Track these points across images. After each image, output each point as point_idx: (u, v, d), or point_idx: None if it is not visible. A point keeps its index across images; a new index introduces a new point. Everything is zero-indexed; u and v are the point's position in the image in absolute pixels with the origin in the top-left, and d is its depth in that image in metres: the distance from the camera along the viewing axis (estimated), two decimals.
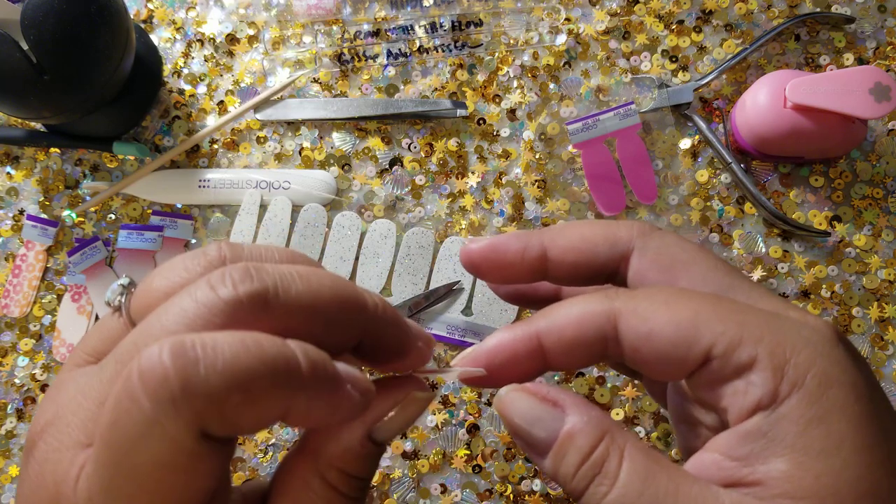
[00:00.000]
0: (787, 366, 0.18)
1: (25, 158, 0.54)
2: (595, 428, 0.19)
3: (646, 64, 0.53)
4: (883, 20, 0.53)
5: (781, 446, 0.17)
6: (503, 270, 0.23)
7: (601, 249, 0.22)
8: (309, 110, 0.53)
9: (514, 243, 0.23)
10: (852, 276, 0.50)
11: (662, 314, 0.19)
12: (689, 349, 0.19)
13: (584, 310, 0.20)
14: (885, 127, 0.52)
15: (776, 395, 0.18)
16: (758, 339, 0.18)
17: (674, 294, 0.20)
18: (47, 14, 0.42)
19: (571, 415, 0.20)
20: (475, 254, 0.23)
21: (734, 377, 0.18)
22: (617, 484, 0.18)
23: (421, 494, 0.49)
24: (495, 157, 0.52)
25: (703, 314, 0.19)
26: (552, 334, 0.20)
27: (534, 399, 0.20)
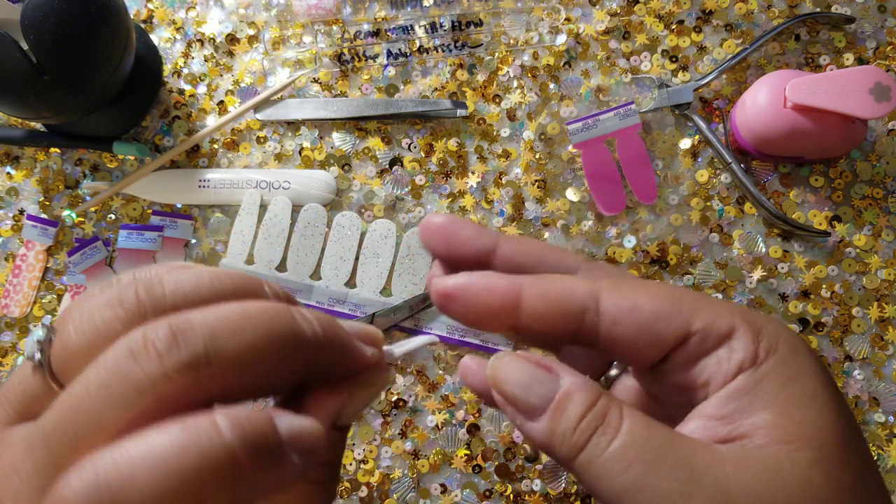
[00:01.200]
0: (761, 333, 0.20)
1: (25, 158, 0.54)
2: (592, 387, 0.20)
3: (646, 64, 0.53)
4: (883, 20, 0.53)
5: (765, 400, 0.19)
6: (452, 246, 0.24)
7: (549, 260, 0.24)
8: (309, 110, 0.53)
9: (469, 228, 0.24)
10: (852, 276, 0.50)
11: (643, 295, 0.20)
12: (669, 323, 0.20)
13: (571, 282, 0.21)
14: (885, 127, 0.52)
15: (756, 356, 0.20)
16: (734, 312, 0.20)
17: (653, 283, 0.21)
18: (47, 14, 0.42)
19: (567, 377, 0.20)
20: (434, 225, 0.24)
21: (716, 347, 0.20)
22: (621, 432, 0.19)
23: (421, 494, 0.49)
24: (495, 157, 0.52)
25: (683, 299, 0.20)
26: (535, 291, 0.21)
27: (529, 364, 0.21)
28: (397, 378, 0.50)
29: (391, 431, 0.50)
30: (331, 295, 0.51)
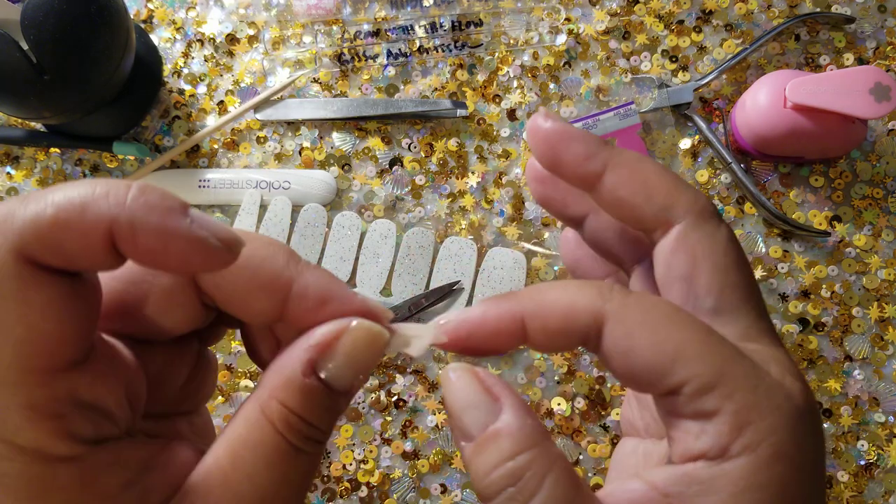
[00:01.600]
0: (747, 428, 0.18)
1: (25, 158, 0.54)
2: (524, 436, 0.18)
3: (646, 64, 0.53)
4: (883, 20, 0.53)
5: (712, 499, 0.18)
6: (557, 162, 0.22)
7: (655, 203, 0.21)
8: (309, 110, 0.53)
9: (582, 145, 0.22)
10: (852, 276, 0.50)
11: (648, 336, 0.19)
12: (661, 378, 0.18)
13: (574, 302, 0.19)
14: (885, 127, 0.52)
15: (725, 451, 0.18)
16: (729, 393, 0.18)
17: (666, 316, 0.19)
18: (47, 14, 0.42)
19: (506, 414, 0.19)
20: (543, 132, 0.22)
21: (692, 418, 0.18)
22: (532, 500, 0.18)
23: (421, 494, 0.49)
24: (495, 157, 0.52)
25: (688, 349, 0.18)
26: (536, 319, 0.20)
27: (476, 385, 0.19)
28: (397, 378, 0.50)
29: (391, 431, 0.50)
30: None
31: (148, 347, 0.21)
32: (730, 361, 0.18)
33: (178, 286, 0.20)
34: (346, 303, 0.20)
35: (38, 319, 0.16)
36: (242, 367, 0.51)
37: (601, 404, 0.49)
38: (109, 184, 0.16)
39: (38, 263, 0.16)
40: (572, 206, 0.25)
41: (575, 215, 0.25)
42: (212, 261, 0.17)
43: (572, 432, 0.49)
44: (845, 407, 0.49)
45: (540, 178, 0.25)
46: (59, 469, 0.16)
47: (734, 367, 0.18)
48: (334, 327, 0.19)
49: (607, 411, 0.49)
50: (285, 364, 0.19)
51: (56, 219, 0.15)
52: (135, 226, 0.16)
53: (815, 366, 0.49)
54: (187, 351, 0.22)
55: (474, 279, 0.51)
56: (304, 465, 0.19)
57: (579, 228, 0.26)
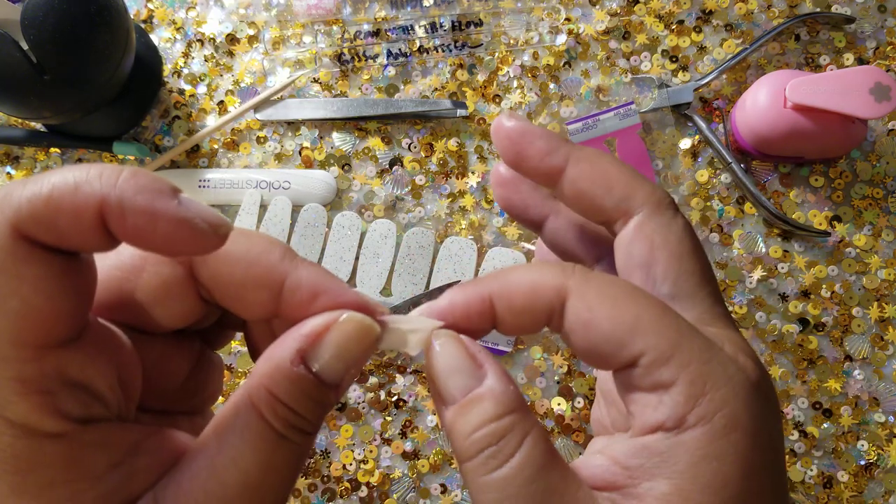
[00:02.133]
0: (701, 398, 0.18)
1: (25, 158, 0.54)
2: (507, 400, 0.19)
3: (646, 64, 0.53)
4: (883, 20, 0.53)
5: (670, 470, 0.18)
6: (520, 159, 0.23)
7: (614, 195, 0.22)
8: (309, 110, 0.53)
9: (544, 141, 0.23)
10: (852, 276, 0.50)
11: (607, 308, 0.19)
12: (618, 349, 0.19)
13: (538, 280, 0.20)
14: (885, 127, 0.52)
15: (682, 422, 0.18)
16: (684, 364, 0.18)
17: (625, 291, 0.20)
18: (47, 14, 0.42)
19: (490, 379, 0.19)
20: (504, 130, 0.23)
21: (650, 390, 0.19)
22: (509, 463, 0.18)
23: (421, 494, 0.49)
24: (495, 157, 0.52)
25: (644, 321, 0.19)
26: (503, 299, 0.20)
27: (462, 351, 0.20)
28: (397, 378, 0.50)
29: (391, 431, 0.50)
30: None
31: (147, 338, 0.21)
32: (685, 335, 0.19)
33: (176, 277, 0.20)
34: (339, 297, 0.20)
35: (31, 294, 0.16)
36: (242, 367, 0.51)
37: None
38: (103, 167, 0.16)
39: (34, 240, 0.16)
40: (532, 209, 0.26)
41: (535, 218, 0.27)
42: (198, 242, 0.17)
43: (572, 432, 0.49)
44: (845, 407, 0.49)
45: (502, 183, 0.27)
46: (45, 445, 0.17)
47: (689, 340, 0.19)
48: (325, 319, 0.19)
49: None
50: (275, 353, 0.19)
51: (50, 197, 0.16)
52: (123, 205, 0.16)
53: (815, 366, 0.49)
54: (187, 348, 0.23)
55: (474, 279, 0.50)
56: (290, 454, 0.19)
57: (540, 231, 0.27)
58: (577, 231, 0.26)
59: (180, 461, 0.18)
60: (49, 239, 0.16)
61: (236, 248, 0.20)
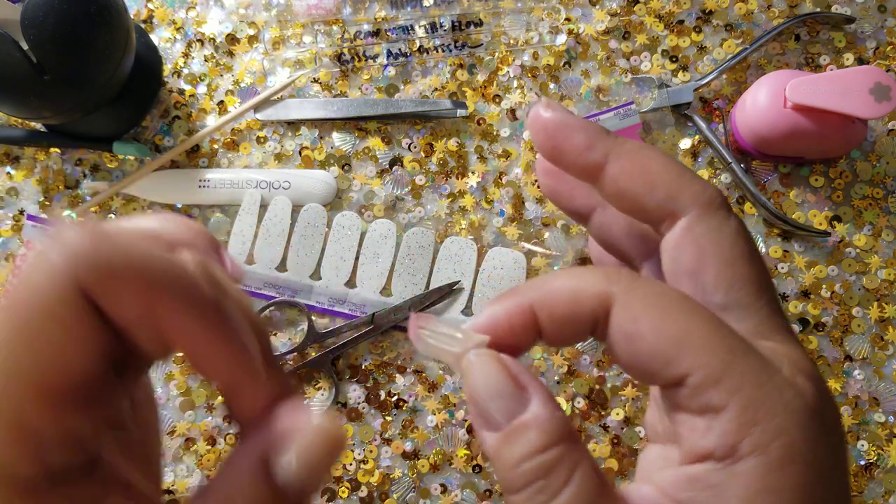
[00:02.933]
0: (755, 426, 0.17)
1: (25, 158, 0.54)
2: (555, 429, 0.18)
3: (646, 64, 0.53)
4: (883, 20, 0.53)
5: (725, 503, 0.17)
6: (558, 153, 0.22)
7: (658, 195, 0.21)
8: (309, 110, 0.53)
9: (583, 135, 0.21)
10: (852, 276, 0.50)
11: (653, 320, 0.18)
12: (664, 366, 0.18)
13: (580, 286, 0.19)
14: (885, 127, 0.52)
15: (733, 451, 0.17)
16: (736, 388, 0.17)
17: (674, 302, 0.18)
18: (47, 14, 0.42)
19: (535, 405, 0.18)
20: (541, 122, 0.22)
21: (698, 413, 0.17)
22: (559, 498, 0.17)
23: (421, 494, 0.49)
24: (495, 157, 0.52)
25: (693, 337, 0.17)
26: (544, 308, 0.19)
27: (503, 372, 0.19)
28: (397, 378, 0.50)
29: (391, 431, 0.50)
30: (331, 295, 0.51)
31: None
32: (738, 354, 0.17)
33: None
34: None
35: (72, 352, 0.16)
36: None
37: (601, 404, 0.49)
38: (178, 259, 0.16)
39: (92, 303, 0.15)
40: (579, 199, 0.25)
41: (582, 210, 0.25)
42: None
43: None
44: (845, 407, 0.49)
45: (548, 171, 0.25)
46: (13, 495, 0.16)
47: (742, 360, 0.17)
48: (287, 424, 0.18)
49: (607, 411, 0.49)
50: (234, 471, 0.17)
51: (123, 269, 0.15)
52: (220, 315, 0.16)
53: (815, 366, 0.49)
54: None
55: (474, 279, 0.50)
56: None
57: (587, 224, 0.25)
58: (626, 226, 0.24)
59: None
60: (104, 304, 0.15)
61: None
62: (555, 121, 0.21)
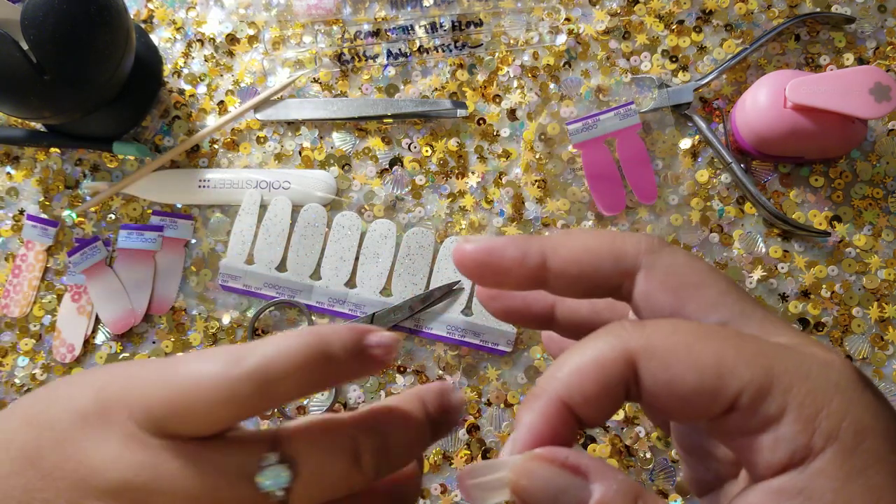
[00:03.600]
0: (819, 416, 0.17)
1: (25, 158, 0.54)
2: (626, 496, 0.18)
3: (646, 64, 0.53)
4: (883, 20, 0.53)
5: (820, 503, 0.16)
6: (497, 276, 0.22)
7: (605, 264, 0.21)
8: (309, 110, 0.53)
9: (512, 250, 0.21)
10: (852, 276, 0.50)
11: (684, 359, 0.17)
12: (713, 398, 0.17)
13: (600, 357, 0.18)
14: (885, 127, 0.52)
15: (809, 450, 0.17)
16: (787, 388, 0.17)
17: (693, 334, 0.18)
18: (47, 14, 0.42)
19: (598, 482, 0.18)
20: (469, 255, 0.21)
21: (761, 430, 0.17)
22: None
23: (421, 494, 0.49)
24: (495, 157, 0.52)
25: (728, 358, 0.17)
26: (575, 396, 0.18)
27: (555, 468, 0.18)
28: (397, 378, 0.50)
29: None
30: (331, 295, 0.51)
31: None
32: (774, 357, 0.17)
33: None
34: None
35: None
36: None
37: None
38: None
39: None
40: (534, 305, 0.25)
41: (542, 313, 0.25)
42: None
43: None
44: None
45: (492, 297, 0.25)
46: None
47: (781, 360, 0.17)
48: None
49: None
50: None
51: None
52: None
53: None
54: None
55: None
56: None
57: (553, 325, 0.25)
58: (589, 304, 0.24)
59: None
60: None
61: None
62: (481, 250, 0.21)
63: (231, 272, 0.51)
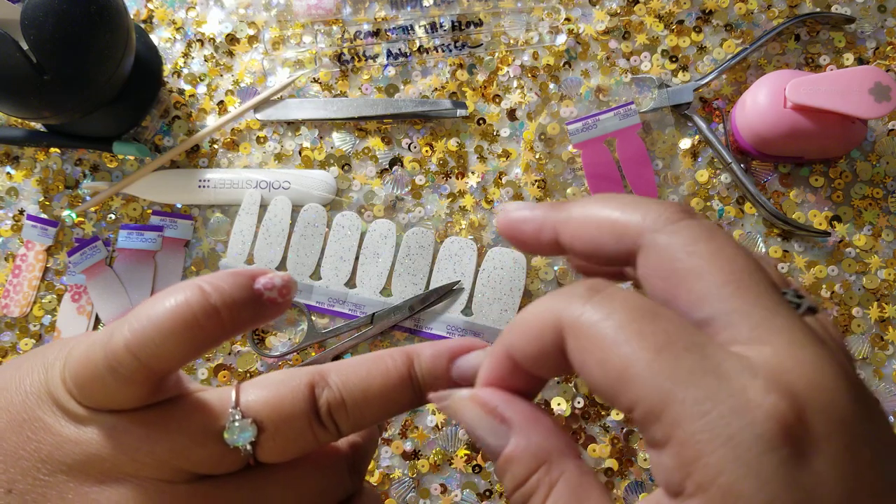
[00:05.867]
0: (695, 463, 0.15)
1: (25, 158, 0.54)
2: (532, 457, 0.19)
3: (646, 64, 0.53)
4: (883, 20, 0.53)
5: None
6: (525, 246, 0.22)
7: (607, 242, 0.20)
8: (309, 110, 0.53)
9: (530, 224, 0.22)
10: (852, 276, 0.50)
11: (597, 353, 0.17)
12: (613, 399, 0.17)
13: (538, 320, 0.19)
14: (885, 127, 0.52)
15: (681, 489, 0.16)
16: (675, 421, 0.16)
17: (620, 330, 0.17)
18: (47, 14, 0.42)
19: (515, 436, 0.19)
20: (500, 226, 0.23)
21: (650, 446, 0.17)
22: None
23: (421, 494, 0.49)
24: (495, 157, 0.52)
25: (634, 369, 0.16)
26: (517, 353, 0.19)
27: (481, 411, 0.20)
28: None
29: (391, 431, 0.50)
30: (331, 295, 0.51)
31: None
32: (680, 382, 0.16)
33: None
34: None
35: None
36: (242, 368, 0.51)
37: (601, 404, 0.49)
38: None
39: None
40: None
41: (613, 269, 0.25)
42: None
43: (572, 432, 0.49)
44: None
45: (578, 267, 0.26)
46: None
47: (684, 388, 0.16)
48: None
49: (607, 411, 0.49)
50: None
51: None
52: None
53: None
54: None
55: (474, 279, 0.51)
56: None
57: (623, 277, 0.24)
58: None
59: None
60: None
61: None
62: (506, 222, 0.22)
63: None
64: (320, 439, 0.22)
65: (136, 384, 0.21)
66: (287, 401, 0.22)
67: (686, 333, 0.17)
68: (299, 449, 0.22)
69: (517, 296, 0.50)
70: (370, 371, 0.23)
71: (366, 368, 0.23)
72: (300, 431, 0.22)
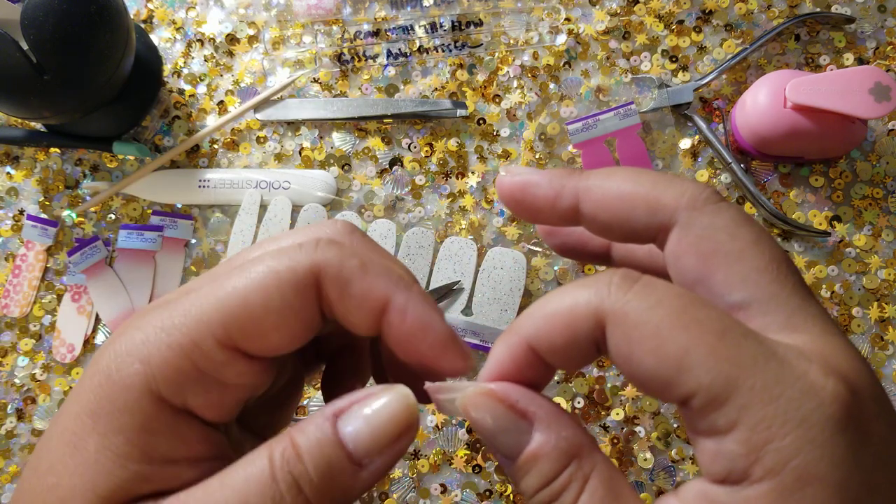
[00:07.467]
0: (766, 447, 0.15)
1: (25, 158, 0.54)
2: (562, 453, 0.18)
3: (646, 64, 0.53)
4: (883, 20, 0.53)
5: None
6: (531, 212, 0.21)
7: (639, 215, 0.19)
8: (309, 110, 0.53)
9: (546, 188, 0.20)
10: (852, 276, 0.50)
11: (649, 341, 0.16)
12: (666, 388, 0.16)
13: (572, 310, 0.18)
14: (885, 127, 0.52)
15: (747, 475, 0.15)
16: (744, 405, 0.15)
17: (673, 316, 0.16)
18: (47, 14, 0.42)
19: (539, 432, 0.18)
20: (506, 188, 0.21)
21: (706, 435, 0.16)
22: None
23: (421, 494, 0.49)
24: (495, 157, 0.52)
25: (694, 355, 0.16)
26: (542, 343, 0.18)
27: (501, 407, 0.18)
28: None
29: None
30: None
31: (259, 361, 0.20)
32: (746, 367, 0.16)
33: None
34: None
35: (294, 324, 0.19)
36: None
37: (601, 404, 0.49)
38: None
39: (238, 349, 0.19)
40: (590, 243, 0.24)
41: (599, 251, 0.24)
42: (453, 364, 0.19)
43: None
44: None
45: (549, 232, 0.24)
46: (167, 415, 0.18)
47: (751, 373, 0.15)
48: (361, 395, 0.18)
49: (607, 411, 0.49)
50: (308, 426, 0.18)
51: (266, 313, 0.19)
52: (408, 311, 0.19)
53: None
54: (286, 367, 0.23)
55: (474, 279, 0.51)
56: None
57: (610, 263, 0.24)
58: (647, 247, 0.23)
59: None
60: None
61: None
62: (517, 185, 0.21)
63: None
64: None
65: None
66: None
67: (734, 320, 0.17)
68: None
69: (517, 296, 0.50)
70: None
71: None
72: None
